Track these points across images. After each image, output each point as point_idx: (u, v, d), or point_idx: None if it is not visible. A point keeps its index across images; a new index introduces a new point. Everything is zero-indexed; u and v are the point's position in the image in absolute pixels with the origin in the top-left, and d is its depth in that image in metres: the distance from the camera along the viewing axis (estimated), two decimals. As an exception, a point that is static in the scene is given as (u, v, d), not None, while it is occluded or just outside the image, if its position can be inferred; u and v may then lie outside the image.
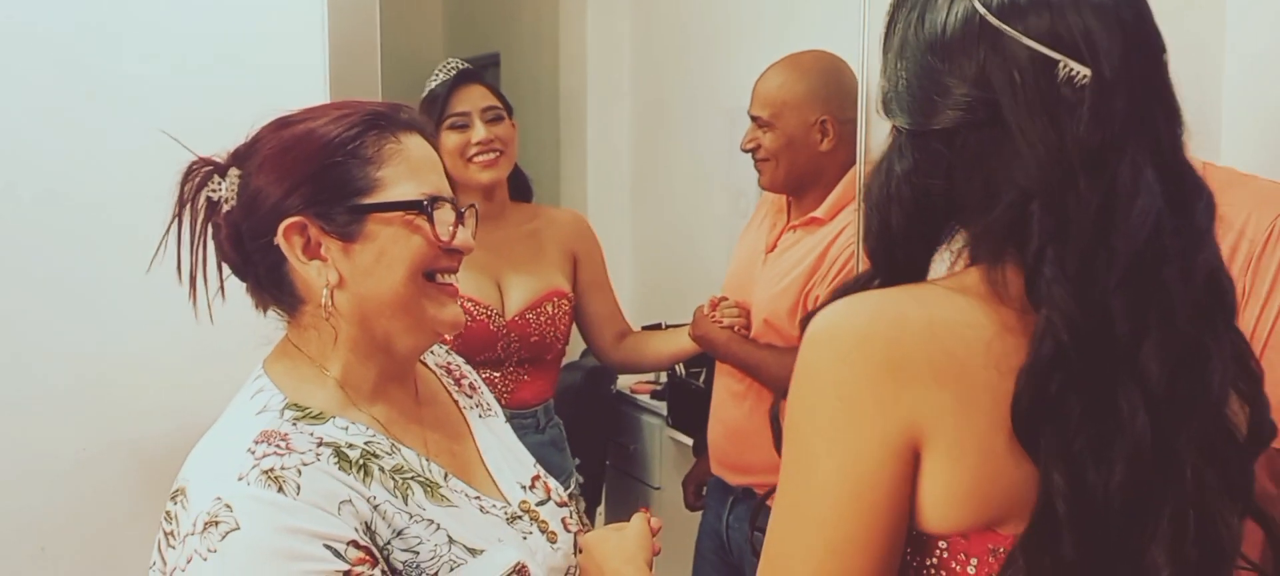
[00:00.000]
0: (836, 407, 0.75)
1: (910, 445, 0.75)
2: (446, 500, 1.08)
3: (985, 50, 0.77)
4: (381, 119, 1.10)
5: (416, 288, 1.08)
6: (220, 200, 1.07)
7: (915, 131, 0.82)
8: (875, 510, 0.75)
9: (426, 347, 1.15)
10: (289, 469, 0.96)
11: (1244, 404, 0.82)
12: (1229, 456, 0.79)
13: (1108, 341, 0.73)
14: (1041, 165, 0.75)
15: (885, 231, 0.84)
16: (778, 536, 0.79)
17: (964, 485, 0.75)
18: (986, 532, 0.77)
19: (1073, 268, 0.73)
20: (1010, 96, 0.76)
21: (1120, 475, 0.72)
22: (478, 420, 1.25)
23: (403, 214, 1.07)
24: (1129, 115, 0.75)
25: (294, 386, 1.06)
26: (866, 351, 0.75)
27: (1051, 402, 0.73)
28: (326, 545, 0.94)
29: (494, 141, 2.10)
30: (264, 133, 1.09)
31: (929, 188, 0.81)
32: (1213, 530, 0.77)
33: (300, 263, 1.05)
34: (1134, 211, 0.74)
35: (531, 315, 2.11)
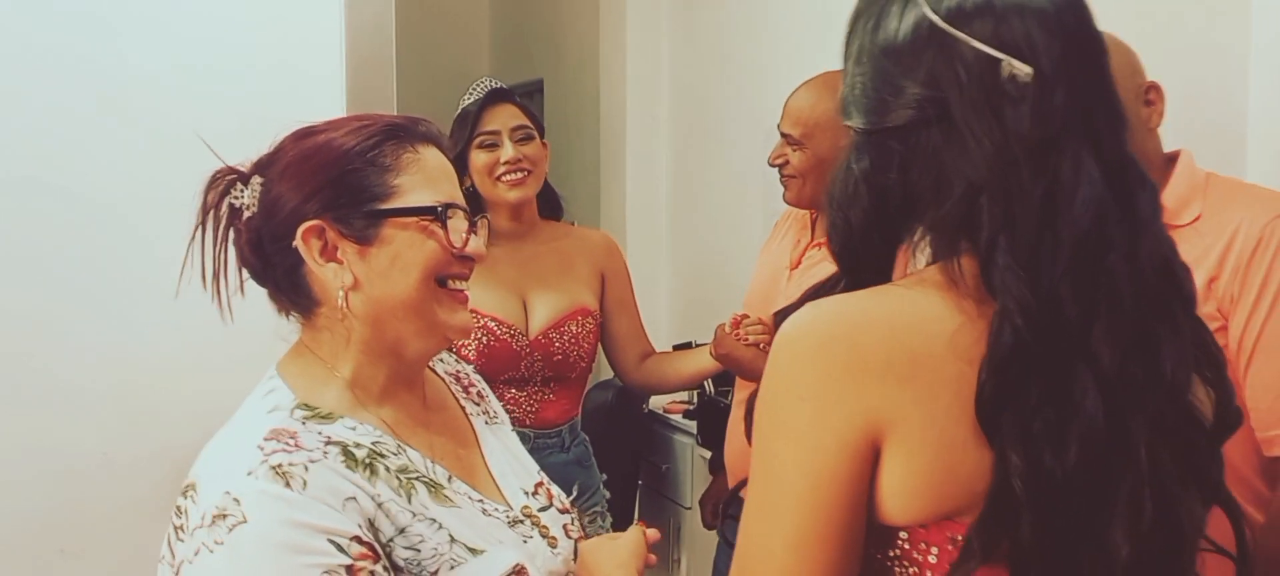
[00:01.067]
0: (798, 407, 0.79)
1: (870, 441, 0.78)
2: (449, 501, 1.10)
3: (934, 52, 0.82)
4: (400, 130, 1.14)
5: (428, 292, 1.12)
6: (242, 207, 1.11)
7: (871, 131, 0.86)
8: (834, 504, 0.78)
9: (436, 352, 1.18)
10: (296, 465, 1.00)
11: (1209, 390, 0.84)
12: (1193, 441, 0.81)
13: (1060, 327, 0.76)
14: (988, 159, 0.78)
15: (847, 229, 0.88)
16: (746, 531, 0.82)
17: (923, 477, 0.78)
18: (946, 522, 0.79)
19: (1022, 258, 0.76)
20: (957, 94, 0.80)
21: (1074, 455, 0.75)
22: (484, 426, 1.28)
23: (418, 219, 1.11)
24: (1069, 111, 0.79)
25: (305, 387, 1.10)
26: (828, 353, 0.78)
27: (1012, 390, 0.76)
28: (330, 539, 0.97)
29: (522, 160, 2.14)
30: (286, 142, 1.13)
31: (886, 186, 0.85)
32: (1171, 512, 0.78)
33: (317, 265, 1.09)
34: (1076, 201, 0.77)
35: (555, 334, 2.13)
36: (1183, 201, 1.51)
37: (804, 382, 0.78)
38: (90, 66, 1.79)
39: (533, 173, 2.16)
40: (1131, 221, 0.80)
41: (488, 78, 2.25)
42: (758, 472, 0.81)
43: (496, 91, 2.18)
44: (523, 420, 2.11)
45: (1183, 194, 1.51)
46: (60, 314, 1.78)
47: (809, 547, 0.78)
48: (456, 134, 2.16)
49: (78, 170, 1.79)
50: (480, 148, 2.14)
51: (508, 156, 2.12)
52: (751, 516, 0.81)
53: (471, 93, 2.20)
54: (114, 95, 1.80)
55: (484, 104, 2.16)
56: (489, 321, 2.07)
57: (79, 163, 1.79)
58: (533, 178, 2.17)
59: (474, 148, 2.14)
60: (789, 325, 0.81)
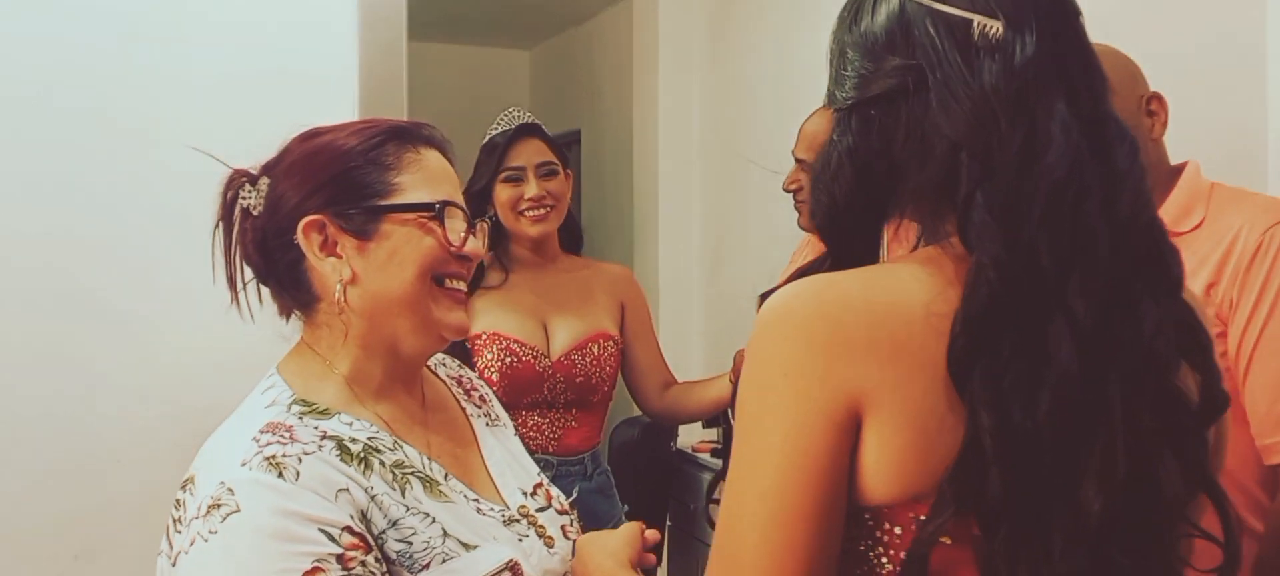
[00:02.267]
0: (781, 384, 0.79)
1: (851, 416, 0.78)
2: (444, 497, 1.11)
3: (909, 23, 0.84)
4: (403, 132, 1.17)
5: (425, 288, 1.14)
6: (250, 207, 1.15)
7: (855, 103, 0.87)
8: (817, 480, 0.78)
9: (432, 351, 1.19)
10: (290, 456, 1.01)
11: (1196, 373, 0.83)
12: (1176, 415, 0.80)
13: (1036, 279, 0.76)
14: (967, 118, 0.80)
15: (832, 206, 0.89)
16: (728, 508, 0.82)
17: (897, 455, 0.78)
18: (914, 503, 0.79)
19: (998, 209, 0.77)
20: (934, 59, 0.82)
21: (1046, 406, 0.75)
22: (484, 428, 1.29)
23: (417, 216, 1.13)
24: (1043, 65, 0.80)
25: (303, 384, 1.12)
26: (810, 331, 0.79)
27: (984, 344, 0.76)
28: (321, 529, 0.98)
29: (546, 197, 2.17)
30: (292, 144, 1.17)
31: (870, 159, 0.86)
32: (1148, 472, 0.77)
33: (317, 258, 1.11)
34: (1051, 149, 0.78)
35: (577, 355, 2.15)
36: (1185, 209, 1.50)
37: (787, 358, 0.79)
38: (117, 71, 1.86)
39: (555, 208, 2.20)
40: (1108, 172, 0.80)
41: (517, 109, 2.28)
42: (740, 448, 0.81)
43: (525, 127, 2.22)
44: (546, 446, 2.13)
45: (1185, 202, 1.51)
46: (73, 318, 1.82)
47: (792, 522, 0.77)
48: (483, 165, 2.20)
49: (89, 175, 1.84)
50: (505, 182, 2.18)
51: (532, 193, 2.16)
52: (734, 491, 0.81)
53: (499, 123, 2.24)
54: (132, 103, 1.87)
55: (512, 138, 2.19)
56: (511, 343, 2.10)
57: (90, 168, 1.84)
58: (555, 213, 2.20)
59: (499, 181, 2.18)
60: (772, 303, 0.82)
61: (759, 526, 0.78)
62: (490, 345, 2.10)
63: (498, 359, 2.08)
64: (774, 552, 0.78)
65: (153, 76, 1.88)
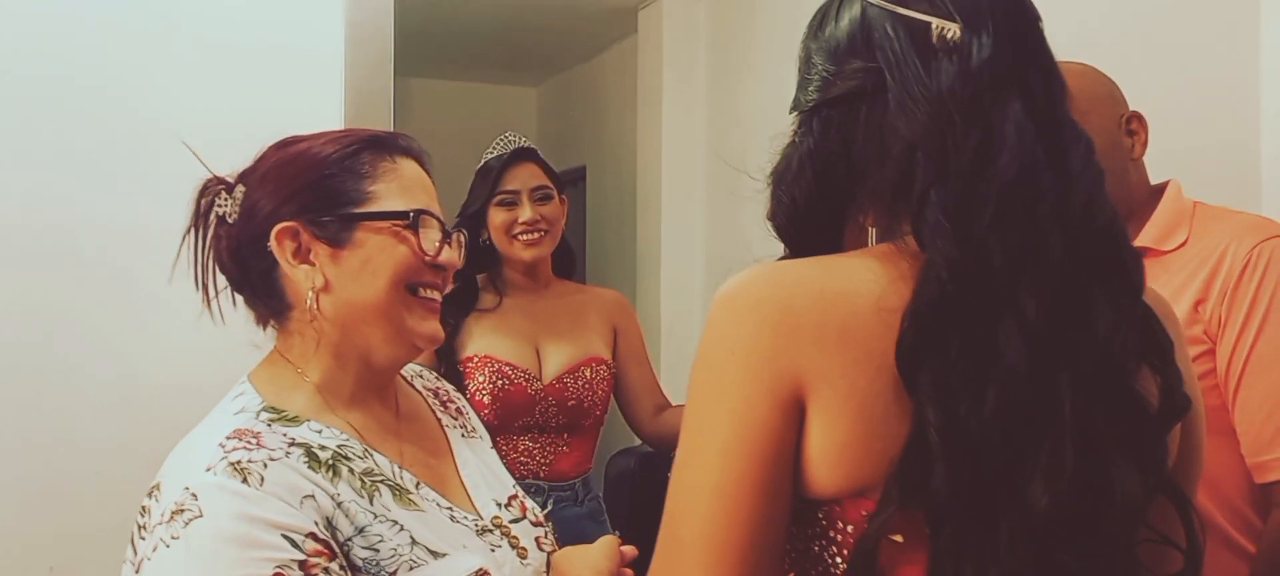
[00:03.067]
0: (730, 362, 0.79)
1: (795, 398, 0.78)
2: (415, 505, 1.10)
3: (870, 27, 0.86)
4: (380, 141, 1.17)
5: (398, 297, 1.13)
6: (226, 214, 1.15)
7: (816, 104, 0.88)
8: (761, 458, 0.78)
9: (405, 360, 1.19)
10: (255, 462, 1.01)
11: (1156, 376, 0.82)
12: (1133, 417, 0.80)
13: (987, 279, 0.76)
14: (923, 119, 0.80)
15: (792, 206, 0.89)
16: (674, 482, 0.82)
17: (841, 444, 0.78)
18: (860, 499, 0.79)
19: (952, 208, 0.77)
20: (893, 61, 0.83)
21: (993, 403, 0.74)
22: (459, 438, 1.28)
23: (391, 224, 1.13)
24: (999, 68, 0.81)
25: (274, 391, 1.12)
26: (761, 313, 0.79)
27: (932, 340, 0.76)
28: (285, 535, 0.97)
29: (540, 222, 2.17)
30: (268, 152, 1.17)
31: (830, 159, 0.87)
32: (1098, 472, 0.77)
33: (290, 266, 1.11)
34: (1005, 151, 0.78)
35: (569, 378, 2.14)
36: (1169, 228, 1.50)
37: (736, 338, 0.79)
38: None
39: (550, 233, 2.20)
40: (1063, 175, 0.80)
41: (512, 133, 2.28)
42: (688, 425, 0.82)
43: (520, 151, 2.23)
44: (537, 471, 2.12)
45: (1169, 221, 1.50)
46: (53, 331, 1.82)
47: (734, 497, 0.78)
48: (477, 188, 2.21)
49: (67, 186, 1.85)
50: (499, 205, 2.18)
51: (526, 218, 2.16)
52: (680, 468, 0.81)
53: (495, 147, 2.25)
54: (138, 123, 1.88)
55: (507, 162, 2.20)
56: (503, 366, 2.09)
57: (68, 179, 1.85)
58: (549, 238, 2.20)
59: (493, 205, 2.18)
60: (727, 285, 0.83)
61: (702, 499, 0.79)
62: (482, 368, 2.09)
63: (489, 381, 2.07)
64: (715, 526, 0.78)
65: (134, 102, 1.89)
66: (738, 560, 0.78)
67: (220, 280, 1.18)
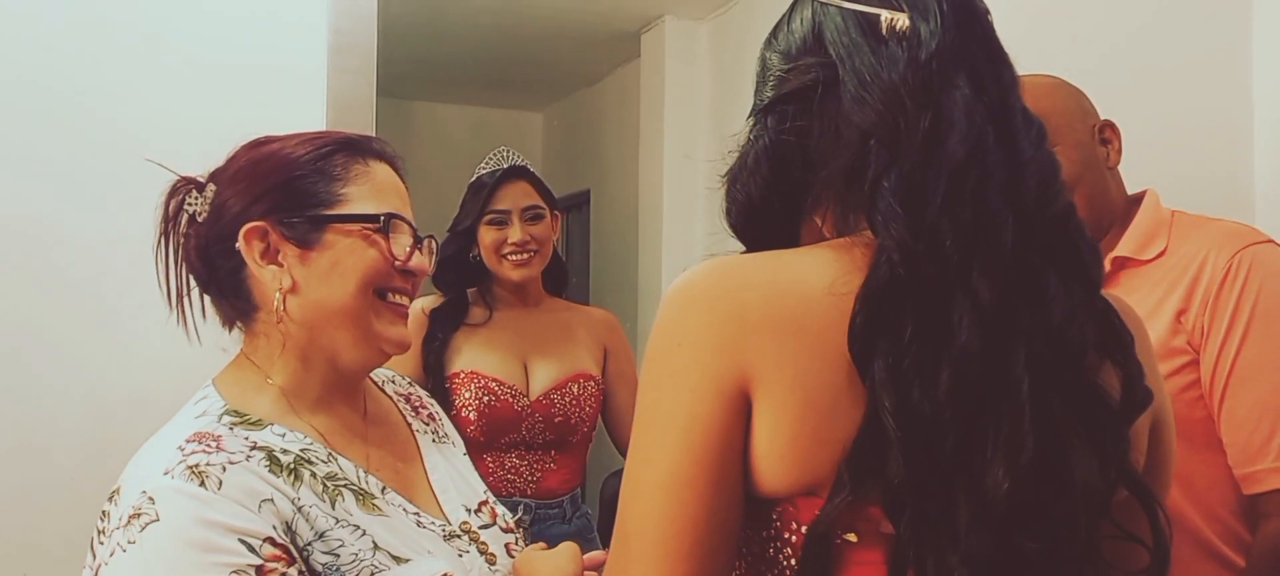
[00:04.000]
0: (678, 353, 0.79)
1: (742, 391, 0.77)
2: (379, 510, 1.09)
3: (821, 25, 0.87)
4: (353, 143, 1.17)
5: (366, 301, 1.12)
6: (196, 213, 1.14)
7: (772, 101, 0.89)
8: (707, 447, 0.77)
9: (373, 364, 1.18)
10: (214, 465, 0.99)
11: (1116, 369, 0.82)
12: (1092, 407, 0.79)
13: (939, 262, 0.76)
14: (875, 107, 0.81)
15: (747, 202, 0.90)
16: (625, 477, 0.81)
17: (790, 437, 0.77)
18: (813, 498, 0.77)
19: (903, 194, 0.77)
20: (845, 53, 0.84)
21: (946, 385, 0.74)
22: (430, 444, 1.27)
23: (361, 227, 1.12)
24: (948, 55, 0.81)
25: (237, 394, 1.10)
26: (710, 304, 0.79)
27: (884, 323, 0.75)
28: (241, 539, 0.96)
29: (530, 242, 2.15)
30: (239, 151, 1.16)
31: (787, 156, 0.87)
32: (1058, 456, 0.76)
33: (257, 266, 1.10)
34: (953, 133, 0.78)
35: (557, 394, 2.12)
36: (1147, 238, 1.49)
37: (685, 329, 0.79)
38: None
39: (539, 253, 2.18)
40: (1013, 158, 0.80)
41: (506, 149, 2.26)
42: (638, 417, 0.81)
43: (513, 169, 2.20)
44: (524, 489, 2.09)
45: (1147, 230, 1.50)
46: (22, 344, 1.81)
47: (682, 488, 0.77)
48: (469, 205, 2.20)
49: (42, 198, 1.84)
50: (490, 224, 2.16)
51: (516, 238, 2.14)
52: (631, 460, 0.81)
53: (488, 163, 2.23)
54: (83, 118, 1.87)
55: (500, 180, 2.17)
56: (490, 382, 2.08)
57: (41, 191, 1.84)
58: (538, 258, 2.18)
59: (483, 223, 2.16)
60: (678, 279, 0.83)
61: (647, 494, 0.78)
62: (468, 383, 2.08)
63: (476, 398, 2.06)
64: (660, 522, 0.77)
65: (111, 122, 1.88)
66: (683, 555, 0.76)
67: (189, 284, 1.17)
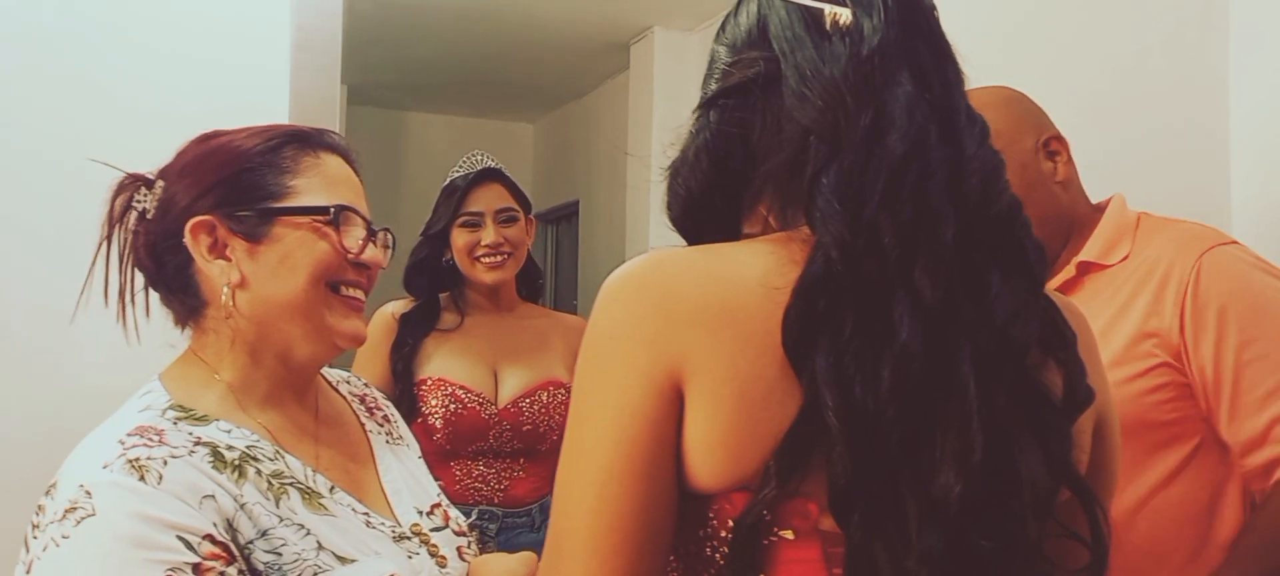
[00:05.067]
0: (609, 346, 0.78)
1: (674, 384, 0.76)
2: (325, 509, 1.07)
3: (766, 18, 0.86)
4: (304, 136, 1.15)
5: (318, 294, 1.10)
6: (145, 210, 1.13)
7: (714, 94, 0.88)
8: (637, 441, 0.76)
9: (325, 359, 1.16)
10: (154, 459, 0.97)
11: (1059, 369, 0.81)
12: (1036, 405, 0.78)
13: (879, 258, 0.75)
14: (816, 102, 0.80)
15: (688, 198, 0.89)
16: (559, 470, 0.81)
17: (722, 429, 0.75)
18: (748, 493, 0.76)
19: (842, 190, 0.76)
20: (788, 48, 0.83)
21: (888, 382, 0.73)
22: (383, 445, 1.25)
23: (311, 219, 1.10)
24: (891, 51, 0.80)
25: (183, 390, 1.08)
26: (641, 297, 0.78)
27: (822, 319, 0.74)
28: (180, 536, 0.94)
29: (504, 244, 2.13)
30: (188, 146, 1.15)
31: (728, 150, 0.86)
32: (1005, 455, 0.75)
33: (205, 260, 1.08)
34: (893, 129, 0.77)
35: (526, 403, 2.09)
36: (1110, 243, 1.49)
37: (616, 321, 0.78)
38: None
39: (513, 255, 2.16)
40: (955, 155, 0.79)
41: (480, 153, 2.24)
42: (571, 410, 0.81)
43: (486, 171, 2.18)
44: (491, 497, 2.07)
45: (1110, 236, 1.49)
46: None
47: (612, 482, 0.76)
48: (441, 208, 2.18)
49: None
50: (463, 226, 2.14)
51: (489, 240, 2.12)
52: (563, 454, 0.80)
53: (461, 166, 2.21)
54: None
55: (473, 182, 2.16)
56: (457, 389, 2.05)
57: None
58: (512, 260, 2.16)
59: (456, 226, 2.15)
60: (613, 273, 0.82)
61: (578, 486, 0.77)
62: (436, 391, 2.05)
63: (442, 405, 2.04)
64: (592, 515, 0.76)
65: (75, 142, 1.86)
66: (614, 550, 0.75)
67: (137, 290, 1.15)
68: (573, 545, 0.76)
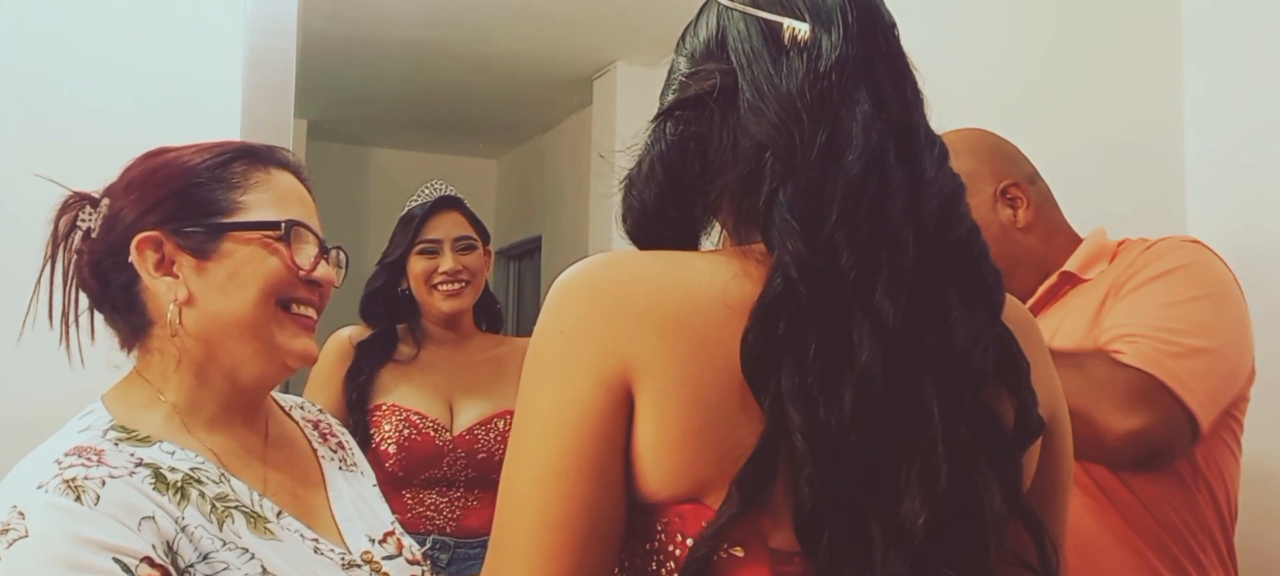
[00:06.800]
0: (559, 343, 0.77)
1: (623, 383, 0.75)
2: (271, 534, 1.04)
3: (725, 30, 0.85)
4: (254, 152, 1.13)
5: (268, 312, 1.08)
6: (90, 228, 1.10)
7: (671, 106, 0.87)
8: (584, 440, 0.74)
9: (274, 380, 1.13)
10: (92, 480, 0.94)
11: (1012, 396, 0.81)
12: (991, 433, 0.78)
13: (836, 279, 0.74)
14: (772, 118, 0.79)
15: (642, 209, 0.88)
16: (504, 469, 0.79)
17: (673, 434, 0.74)
18: (699, 506, 0.75)
19: (799, 208, 0.75)
20: (745, 61, 0.82)
21: (850, 405, 0.72)
22: (335, 471, 1.22)
23: (261, 235, 1.08)
24: (849, 68, 0.80)
25: (126, 410, 1.06)
26: (592, 295, 0.77)
27: (782, 340, 0.73)
28: (116, 558, 0.91)
29: (461, 271, 2.11)
30: (135, 161, 1.12)
31: (683, 163, 0.85)
32: (968, 482, 0.75)
33: (151, 277, 1.06)
34: (850, 148, 0.77)
35: (481, 431, 2.06)
36: (1090, 260, 1.52)
37: (566, 318, 0.77)
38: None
39: (471, 283, 2.13)
40: (914, 177, 0.79)
41: (438, 182, 2.23)
42: (518, 408, 0.79)
43: (444, 199, 2.17)
44: (444, 527, 2.03)
45: (1091, 254, 1.53)
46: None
47: (557, 480, 0.74)
48: (398, 237, 2.16)
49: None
50: (420, 254, 2.12)
51: (447, 267, 2.10)
52: (509, 453, 0.79)
53: (419, 195, 2.20)
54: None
55: (430, 210, 2.14)
56: (411, 415, 2.02)
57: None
58: (470, 288, 2.14)
59: (413, 253, 2.13)
60: (563, 273, 0.81)
61: (522, 485, 0.75)
62: (389, 416, 2.02)
63: (396, 431, 2.00)
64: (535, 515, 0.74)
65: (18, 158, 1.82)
66: (557, 550, 0.73)
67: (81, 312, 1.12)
68: (516, 543, 0.74)
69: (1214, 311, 1.38)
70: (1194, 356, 1.33)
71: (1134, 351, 1.33)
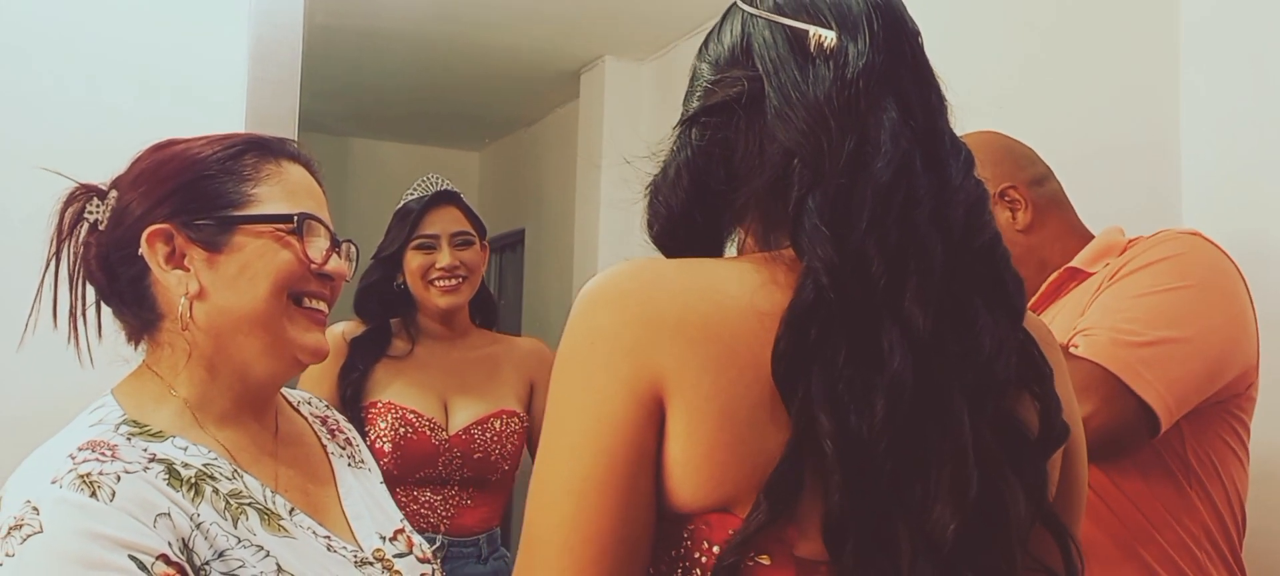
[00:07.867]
0: (588, 353, 0.77)
1: (654, 394, 0.75)
2: (285, 531, 1.03)
3: (750, 38, 0.85)
4: (264, 144, 1.12)
5: (279, 306, 1.07)
6: (96, 221, 1.08)
7: (696, 112, 0.87)
8: (616, 454, 0.74)
9: (286, 375, 1.12)
10: (107, 475, 0.93)
11: (1036, 402, 0.82)
12: (1017, 441, 0.79)
13: (867, 286, 0.74)
14: (800, 125, 0.79)
15: (669, 216, 0.88)
16: (534, 479, 0.79)
17: (705, 447, 0.74)
18: (726, 515, 0.75)
19: (828, 214, 0.76)
20: (771, 68, 0.82)
21: (881, 414, 0.72)
22: (345, 467, 1.21)
23: (273, 228, 1.07)
24: (875, 76, 0.80)
25: (137, 405, 1.04)
26: (622, 305, 0.77)
27: (813, 347, 0.73)
28: (132, 555, 0.90)
29: (459, 267, 2.10)
30: (144, 153, 1.11)
31: (709, 169, 0.85)
32: (996, 491, 0.75)
33: (162, 271, 1.05)
34: (879, 155, 0.77)
35: (476, 430, 2.05)
36: (1094, 257, 1.53)
37: (596, 329, 0.77)
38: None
39: (468, 279, 2.13)
40: (940, 184, 0.79)
41: (435, 175, 2.22)
42: (547, 418, 0.79)
43: (441, 194, 2.16)
44: (438, 525, 2.02)
45: (1098, 250, 1.54)
46: None
47: (590, 492, 0.74)
48: (394, 231, 2.14)
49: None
50: (417, 249, 2.11)
51: (444, 263, 2.09)
52: (538, 463, 0.78)
53: (416, 189, 2.18)
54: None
55: (428, 205, 2.13)
56: (407, 413, 2.01)
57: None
58: (467, 284, 2.13)
59: (410, 248, 2.11)
60: (591, 281, 0.81)
61: (554, 496, 0.75)
62: (384, 414, 2.01)
63: (391, 429, 1.99)
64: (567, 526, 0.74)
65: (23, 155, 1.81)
66: (590, 562, 0.73)
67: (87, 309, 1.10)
68: (547, 555, 0.74)
69: (1192, 301, 1.38)
70: (1154, 347, 1.33)
71: (1086, 344, 1.34)
